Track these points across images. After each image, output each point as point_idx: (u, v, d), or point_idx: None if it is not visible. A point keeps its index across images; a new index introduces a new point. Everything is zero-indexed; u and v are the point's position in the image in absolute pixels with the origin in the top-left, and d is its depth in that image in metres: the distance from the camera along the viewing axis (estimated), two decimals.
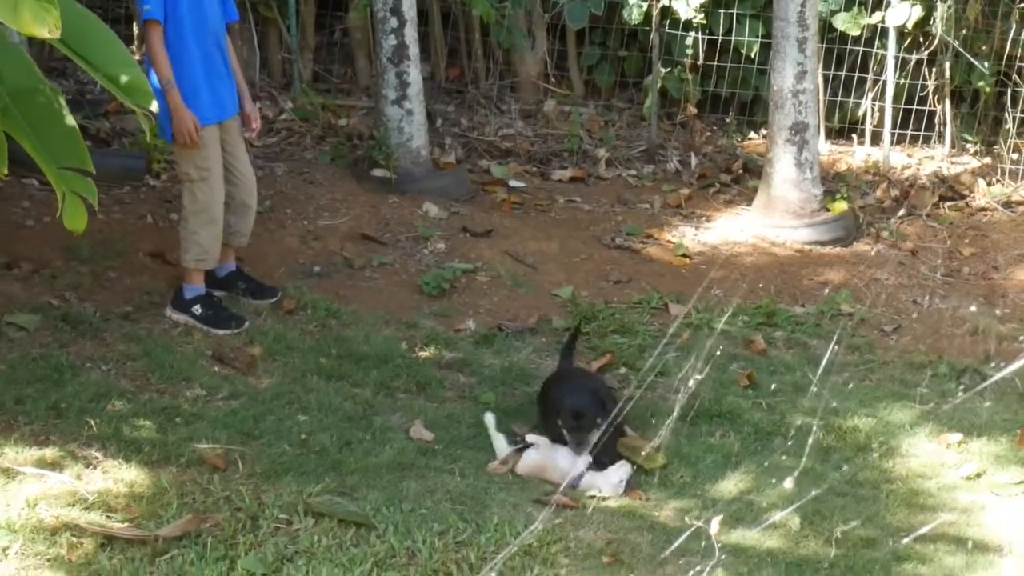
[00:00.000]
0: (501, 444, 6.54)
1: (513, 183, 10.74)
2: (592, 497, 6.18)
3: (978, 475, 6.86)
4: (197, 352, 7.21)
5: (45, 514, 5.32)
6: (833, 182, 11.41)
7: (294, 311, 7.90)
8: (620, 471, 6.40)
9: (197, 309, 7.52)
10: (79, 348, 7.05)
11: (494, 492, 6.11)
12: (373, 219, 9.46)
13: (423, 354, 7.67)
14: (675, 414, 5.67)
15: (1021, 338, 8.94)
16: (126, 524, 5.34)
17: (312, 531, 5.46)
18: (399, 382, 7.27)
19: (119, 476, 5.69)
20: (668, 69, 12.00)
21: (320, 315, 7.90)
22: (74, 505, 5.41)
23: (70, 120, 4.05)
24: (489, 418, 6.70)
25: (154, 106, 4.24)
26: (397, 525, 5.58)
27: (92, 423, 6.13)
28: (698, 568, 5.58)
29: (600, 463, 6.40)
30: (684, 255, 9.73)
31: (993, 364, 8.44)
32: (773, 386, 7.71)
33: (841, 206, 10.71)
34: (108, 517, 5.37)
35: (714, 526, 5.10)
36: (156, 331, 7.37)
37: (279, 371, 7.16)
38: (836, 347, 8.42)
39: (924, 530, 5.98)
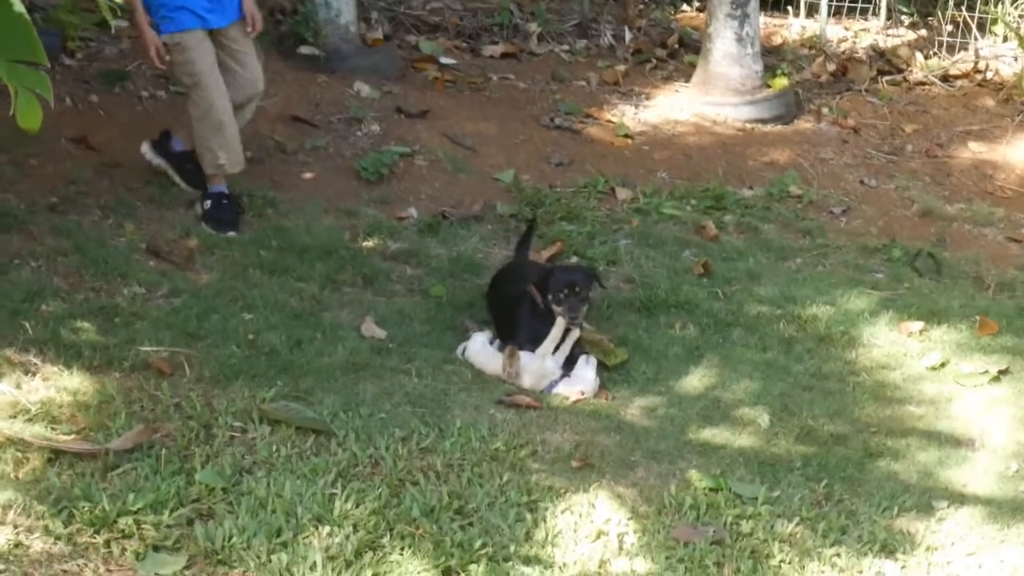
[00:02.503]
0: (481, 348, 6.34)
1: (444, 60, 10.44)
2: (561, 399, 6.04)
3: (942, 365, 6.78)
4: (131, 246, 6.89)
5: None
6: (770, 57, 11.22)
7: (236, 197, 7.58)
8: (590, 367, 6.22)
9: (207, 204, 7.32)
10: (5, 243, 6.71)
11: (454, 393, 5.92)
12: (303, 100, 9.13)
13: (367, 244, 7.43)
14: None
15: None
16: (73, 436, 5.07)
17: (269, 440, 5.23)
18: (345, 275, 7.02)
19: (61, 384, 5.40)
20: None
21: (257, 204, 7.61)
22: (16, 417, 5.12)
23: (19, 6, 3.71)
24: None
25: None
26: (357, 431, 5.36)
27: (27, 326, 5.80)
28: (670, 467, 5.48)
29: (566, 364, 6.23)
30: (626, 135, 9.53)
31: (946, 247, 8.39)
32: (728, 274, 7.58)
33: (782, 82, 10.55)
34: (53, 429, 5.09)
35: None
36: (86, 223, 7.04)
37: (218, 265, 6.87)
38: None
39: None
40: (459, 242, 7.63)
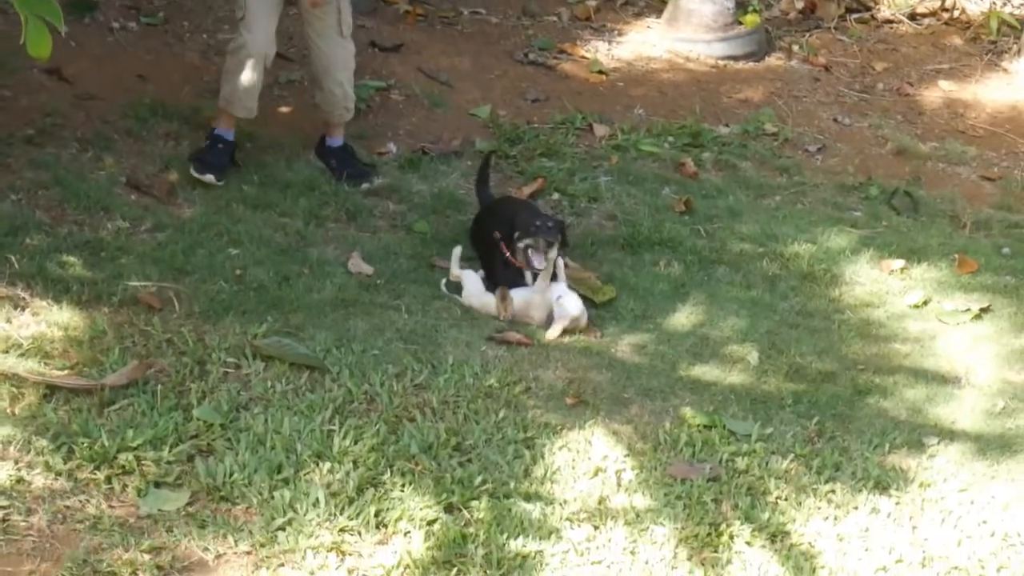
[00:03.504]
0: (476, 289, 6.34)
1: None
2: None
3: (925, 303, 6.83)
4: (111, 179, 6.81)
5: None
6: None
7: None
8: (573, 295, 6.22)
9: (206, 142, 7.15)
10: None
11: (444, 329, 5.91)
12: (279, 34, 8.97)
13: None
14: None
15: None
16: (67, 372, 5.03)
17: (264, 376, 5.22)
18: (328, 211, 6.97)
19: (51, 319, 5.34)
20: None
21: (235, 138, 7.52)
22: (8, 352, 5.08)
23: None
24: (455, 253, 6.49)
25: None
26: (351, 368, 5.36)
27: (12, 259, 5.73)
28: (663, 404, 5.50)
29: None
30: (600, 72, 9.48)
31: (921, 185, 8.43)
32: (709, 212, 7.59)
33: (754, 19, 10.51)
34: (46, 364, 5.05)
35: None
36: (64, 156, 6.93)
37: (200, 200, 6.80)
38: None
39: None
40: (440, 178, 7.59)
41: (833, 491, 5.04)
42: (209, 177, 6.96)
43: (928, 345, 6.45)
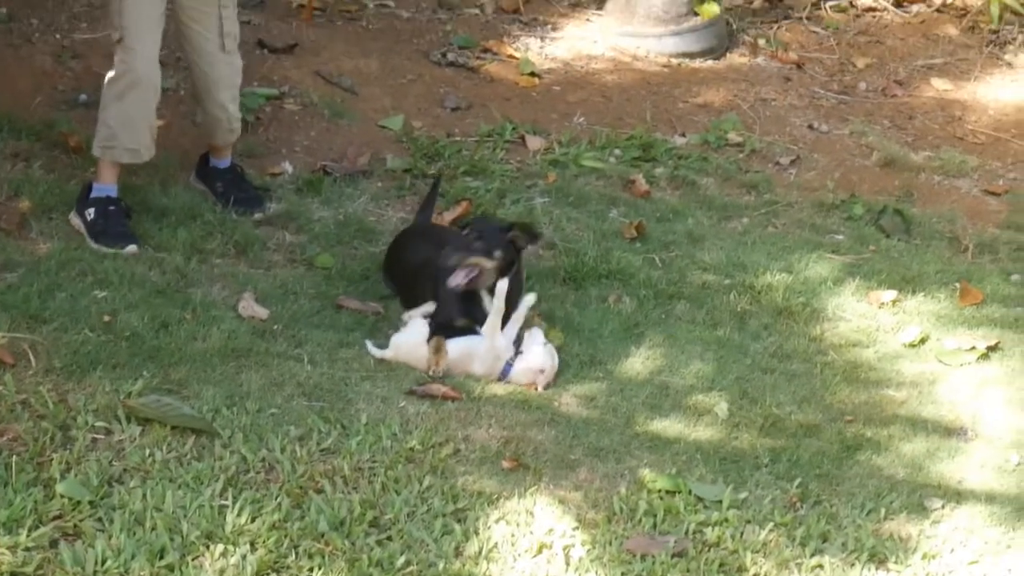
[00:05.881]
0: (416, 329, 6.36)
1: None
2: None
3: (922, 340, 6.92)
4: None
5: None
6: None
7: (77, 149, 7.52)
8: (538, 336, 6.26)
9: (90, 213, 6.89)
10: None
11: (355, 383, 5.93)
12: None
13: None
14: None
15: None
16: None
17: (140, 442, 5.21)
18: (213, 244, 6.98)
19: None
20: None
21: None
22: None
23: None
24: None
25: None
26: (245, 430, 5.36)
27: None
28: (617, 466, 5.54)
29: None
30: (532, 73, 9.55)
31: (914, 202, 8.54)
32: (665, 237, 7.65)
33: (712, 9, 10.61)
34: None
35: None
36: None
37: (58, 233, 6.80)
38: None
39: None
40: (345, 202, 7.62)
41: (821, 566, 5.09)
42: (131, 248, 6.79)
43: (927, 390, 6.53)
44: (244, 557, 4.67)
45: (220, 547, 4.70)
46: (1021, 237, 8.20)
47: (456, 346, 6.25)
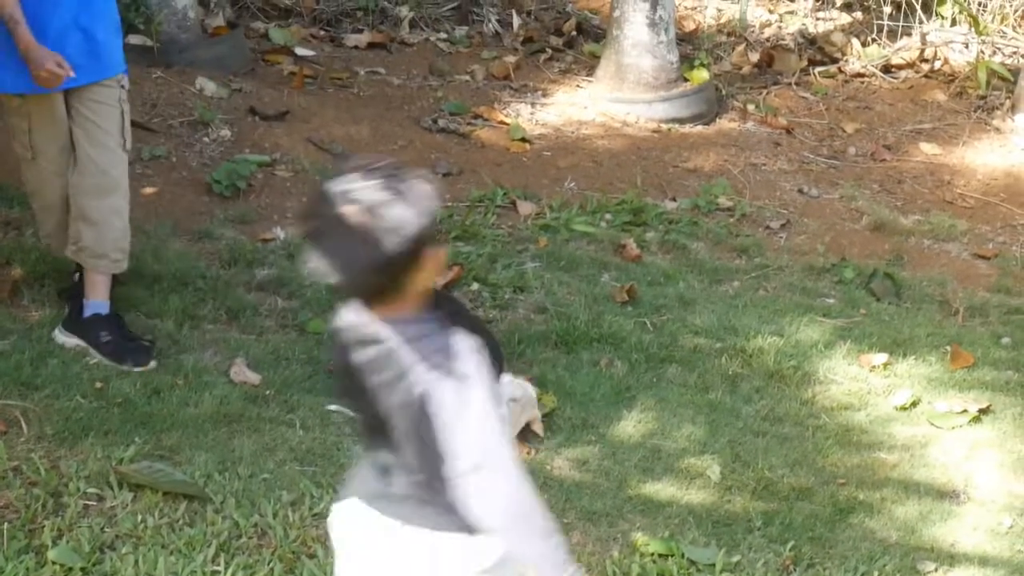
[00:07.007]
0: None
1: (300, 51, 10.47)
2: None
3: (913, 404, 6.92)
4: None
5: None
6: (684, 45, 11.38)
7: None
8: (503, 378, 6.24)
9: (103, 336, 6.44)
10: None
11: (347, 447, 5.91)
12: (137, 99, 9.04)
13: (228, 272, 7.39)
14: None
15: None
16: None
17: (132, 508, 5.22)
18: (205, 310, 6.99)
19: None
20: None
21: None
22: None
23: None
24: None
25: None
26: (237, 496, 5.38)
27: None
28: (610, 530, 5.54)
29: None
30: (523, 139, 9.61)
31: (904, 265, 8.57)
32: (656, 301, 7.67)
33: (701, 75, 10.72)
34: None
35: None
36: None
37: (51, 300, 6.81)
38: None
39: None
40: None
41: None
42: (152, 364, 6.43)
43: (919, 454, 6.53)
44: None
45: None
46: (1011, 300, 8.23)
47: None
